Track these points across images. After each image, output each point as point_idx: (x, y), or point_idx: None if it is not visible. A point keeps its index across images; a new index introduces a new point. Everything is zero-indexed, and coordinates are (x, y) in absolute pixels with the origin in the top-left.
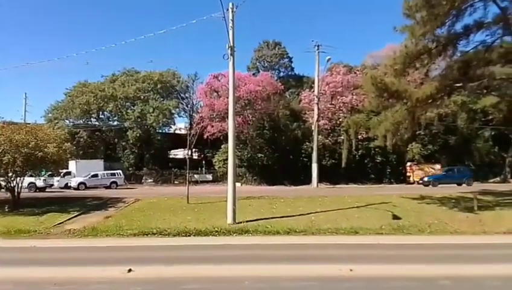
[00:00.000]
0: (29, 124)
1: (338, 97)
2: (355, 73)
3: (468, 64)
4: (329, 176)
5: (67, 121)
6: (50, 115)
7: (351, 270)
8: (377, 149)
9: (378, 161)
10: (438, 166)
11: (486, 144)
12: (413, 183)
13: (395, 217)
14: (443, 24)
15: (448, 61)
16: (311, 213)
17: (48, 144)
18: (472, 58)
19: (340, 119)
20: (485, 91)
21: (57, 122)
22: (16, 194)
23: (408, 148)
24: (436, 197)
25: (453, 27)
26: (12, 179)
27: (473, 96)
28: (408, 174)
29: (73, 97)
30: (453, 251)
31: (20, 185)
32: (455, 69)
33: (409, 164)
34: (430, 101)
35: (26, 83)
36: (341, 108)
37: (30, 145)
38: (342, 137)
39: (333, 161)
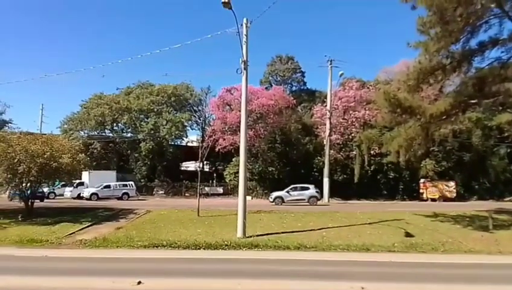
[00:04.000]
0: (45, 134)
1: (350, 112)
2: (368, 88)
3: (483, 80)
4: (341, 191)
5: (82, 132)
6: (65, 126)
7: (362, 288)
8: (389, 165)
9: (391, 177)
10: (452, 183)
11: (502, 161)
12: (426, 200)
13: (408, 235)
14: (458, 40)
15: (463, 77)
16: (322, 229)
17: (62, 155)
18: (487, 75)
19: (353, 134)
20: (500, 108)
21: (72, 133)
22: (29, 203)
23: (421, 165)
24: (450, 215)
25: (467, 43)
26: (26, 188)
27: (488, 113)
28: (421, 191)
29: (88, 109)
30: (468, 271)
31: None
32: (470, 85)
33: (422, 180)
34: (444, 117)
35: (44, 93)
36: (353, 123)
37: (45, 156)
38: (354, 152)
39: (345, 176)
